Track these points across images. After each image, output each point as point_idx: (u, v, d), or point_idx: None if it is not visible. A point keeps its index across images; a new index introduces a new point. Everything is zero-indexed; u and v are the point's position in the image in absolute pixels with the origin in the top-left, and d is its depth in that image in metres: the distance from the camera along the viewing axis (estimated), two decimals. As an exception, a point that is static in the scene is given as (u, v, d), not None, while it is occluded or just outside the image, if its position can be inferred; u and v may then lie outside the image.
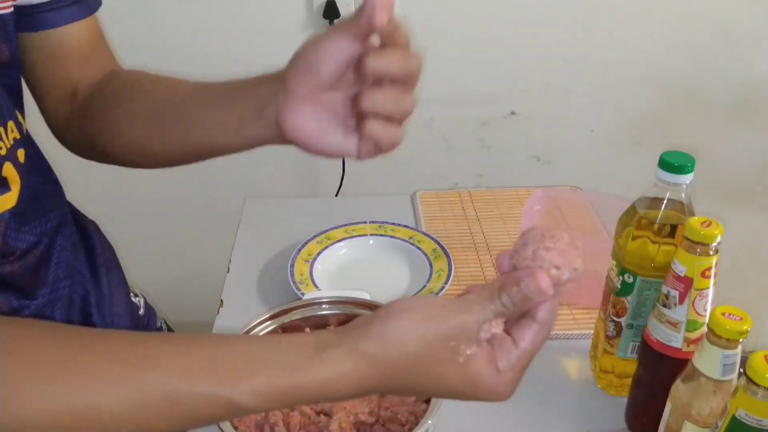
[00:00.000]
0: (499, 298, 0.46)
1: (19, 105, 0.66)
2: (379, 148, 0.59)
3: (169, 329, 0.98)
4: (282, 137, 0.58)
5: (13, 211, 0.62)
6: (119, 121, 0.68)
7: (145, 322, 0.89)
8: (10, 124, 0.61)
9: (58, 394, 0.42)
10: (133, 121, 0.67)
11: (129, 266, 0.91)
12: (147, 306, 0.91)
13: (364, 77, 0.54)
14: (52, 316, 0.69)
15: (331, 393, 0.45)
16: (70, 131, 0.73)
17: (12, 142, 0.61)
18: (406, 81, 0.56)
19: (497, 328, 0.46)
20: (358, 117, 0.57)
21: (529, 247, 0.47)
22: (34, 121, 0.72)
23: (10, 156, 0.60)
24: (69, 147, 0.76)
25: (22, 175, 0.63)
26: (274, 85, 0.57)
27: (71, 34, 0.69)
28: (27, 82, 0.70)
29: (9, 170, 0.60)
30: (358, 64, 0.55)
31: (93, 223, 0.83)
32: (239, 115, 0.60)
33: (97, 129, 0.70)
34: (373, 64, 0.53)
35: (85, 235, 0.79)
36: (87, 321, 0.75)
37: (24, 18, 0.65)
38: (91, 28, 0.72)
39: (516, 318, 0.48)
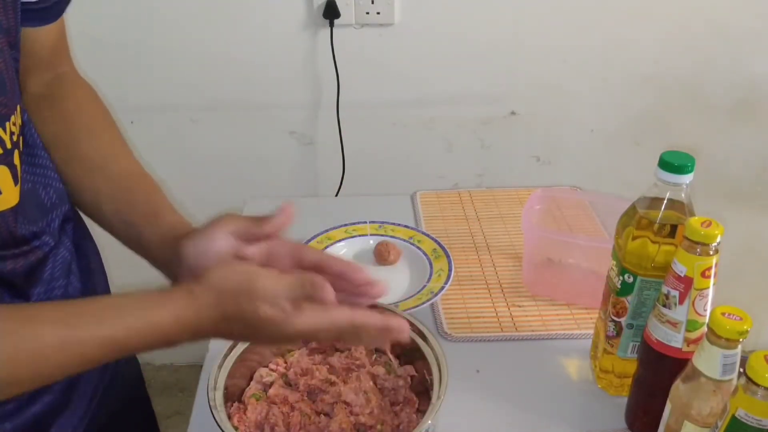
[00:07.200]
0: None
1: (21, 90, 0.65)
2: None
3: None
4: None
5: (15, 209, 0.61)
6: (57, 150, 0.72)
7: None
8: (19, 108, 0.62)
9: None
10: (68, 165, 0.72)
11: (130, 266, 0.91)
12: None
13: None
14: None
15: (187, 326, 0.56)
16: None
17: (18, 131, 0.62)
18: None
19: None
20: None
21: None
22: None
23: (11, 155, 0.60)
24: None
25: (23, 169, 0.62)
26: (174, 263, 0.67)
27: (36, 38, 0.69)
28: None
29: (4, 173, 0.60)
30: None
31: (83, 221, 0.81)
32: (148, 253, 0.70)
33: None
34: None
35: (82, 233, 0.78)
36: None
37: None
38: (54, 34, 0.72)
39: None
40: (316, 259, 0.65)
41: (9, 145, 0.60)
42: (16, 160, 0.61)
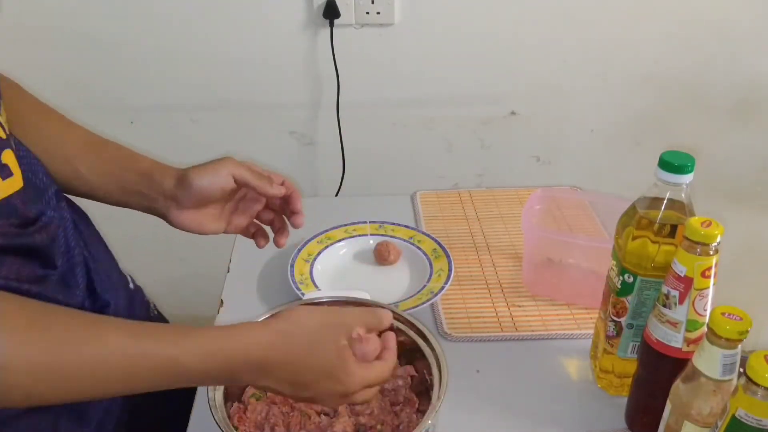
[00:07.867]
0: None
1: None
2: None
3: (162, 319, 0.97)
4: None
5: (21, 194, 0.63)
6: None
7: (139, 298, 0.89)
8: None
9: (36, 349, 0.50)
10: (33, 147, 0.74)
11: (129, 266, 0.91)
12: (135, 284, 0.91)
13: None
14: (76, 282, 0.71)
15: (252, 357, 0.58)
16: None
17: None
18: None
19: (362, 331, 0.64)
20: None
21: None
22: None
23: (10, 141, 0.62)
24: None
25: (21, 155, 0.64)
26: (163, 195, 0.78)
27: None
28: None
29: (9, 156, 0.61)
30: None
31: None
32: (126, 193, 0.79)
33: None
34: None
35: (75, 208, 0.81)
36: (90, 288, 0.75)
37: None
38: None
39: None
40: (283, 192, 0.82)
41: (8, 131, 0.63)
42: (13, 144, 0.64)
